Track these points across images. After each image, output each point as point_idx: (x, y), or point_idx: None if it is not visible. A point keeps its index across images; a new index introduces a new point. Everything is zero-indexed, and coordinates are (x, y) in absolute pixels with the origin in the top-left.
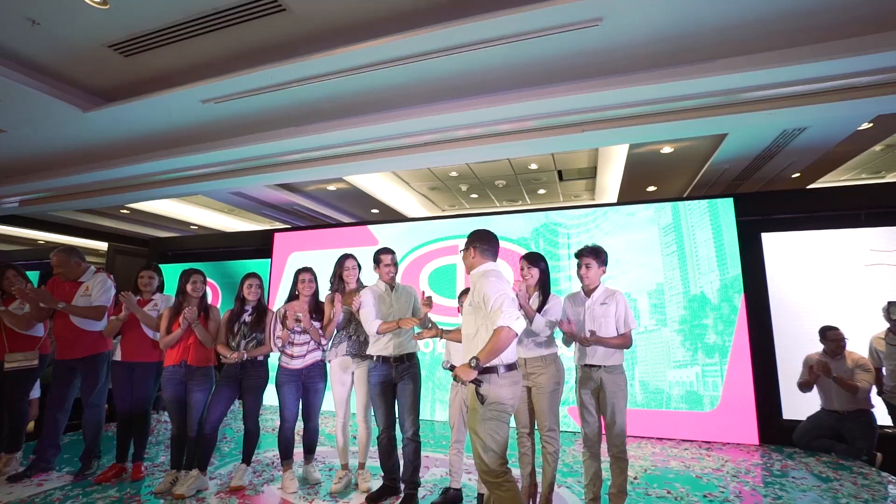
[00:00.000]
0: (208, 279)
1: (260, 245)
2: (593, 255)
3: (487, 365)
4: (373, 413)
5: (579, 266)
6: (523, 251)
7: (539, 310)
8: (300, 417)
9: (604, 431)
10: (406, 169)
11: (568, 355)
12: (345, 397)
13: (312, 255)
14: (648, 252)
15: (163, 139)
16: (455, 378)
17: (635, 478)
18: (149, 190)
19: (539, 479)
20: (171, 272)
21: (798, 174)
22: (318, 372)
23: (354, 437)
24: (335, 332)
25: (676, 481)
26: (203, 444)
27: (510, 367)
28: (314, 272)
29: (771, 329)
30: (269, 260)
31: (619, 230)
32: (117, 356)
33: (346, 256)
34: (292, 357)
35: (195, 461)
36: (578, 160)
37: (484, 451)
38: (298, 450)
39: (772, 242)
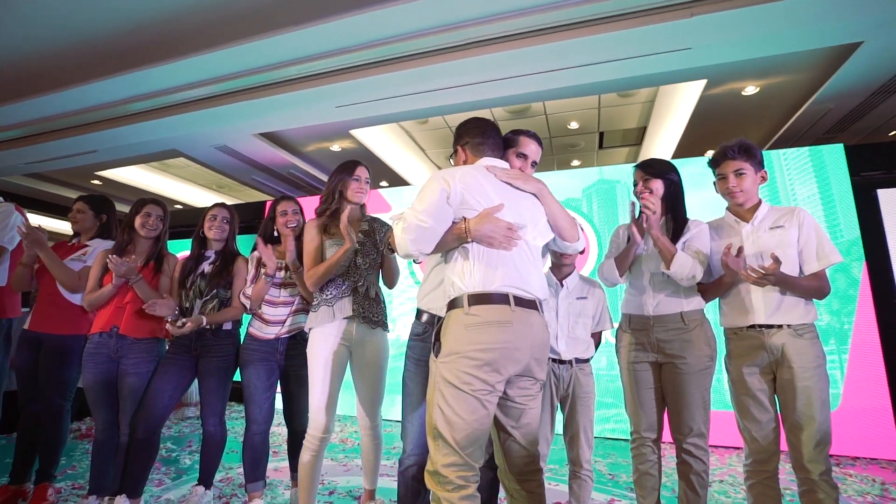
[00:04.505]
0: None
1: (251, 220)
2: (745, 154)
3: (455, 295)
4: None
5: (723, 178)
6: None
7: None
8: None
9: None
10: (421, 110)
11: None
12: (334, 387)
13: None
14: None
15: (117, 43)
16: None
17: None
18: (108, 130)
19: None
20: None
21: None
22: (304, 348)
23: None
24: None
25: None
26: (136, 455)
27: (504, 298)
28: (299, 204)
29: None
30: None
31: (694, 185)
32: (27, 324)
33: (356, 163)
34: (266, 322)
35: (124, 481)
36: (628, 117)
37: (431, 434)
38: (285, 464)
39: (890, 200)
